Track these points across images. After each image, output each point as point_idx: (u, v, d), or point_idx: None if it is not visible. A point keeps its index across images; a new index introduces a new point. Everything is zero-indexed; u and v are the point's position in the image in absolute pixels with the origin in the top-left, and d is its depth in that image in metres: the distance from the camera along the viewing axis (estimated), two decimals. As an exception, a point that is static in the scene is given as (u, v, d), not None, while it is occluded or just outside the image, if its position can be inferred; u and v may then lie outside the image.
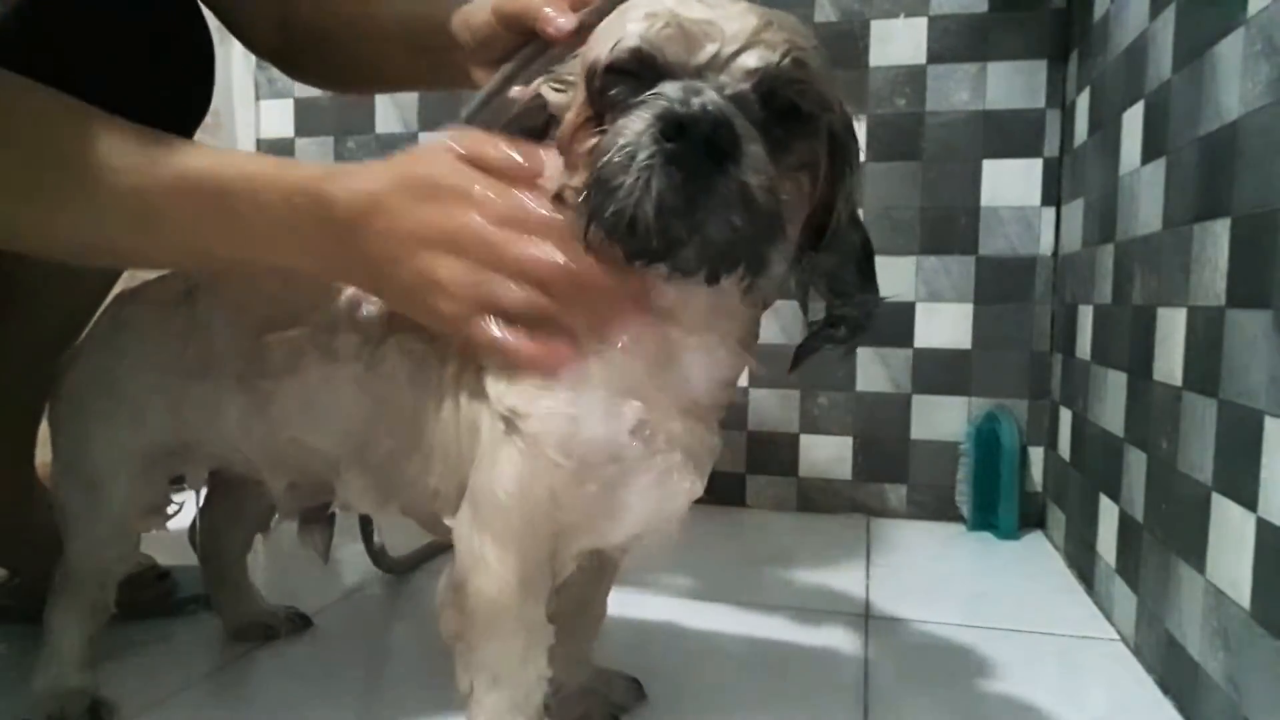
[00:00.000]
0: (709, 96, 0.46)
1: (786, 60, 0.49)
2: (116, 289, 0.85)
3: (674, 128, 0.45)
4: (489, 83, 0.72)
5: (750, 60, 0.49)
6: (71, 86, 0.58)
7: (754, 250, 0.49)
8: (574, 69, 0.56)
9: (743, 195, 0.47)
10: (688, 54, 0.49)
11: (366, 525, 1.13)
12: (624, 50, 0.49)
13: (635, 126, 0.47)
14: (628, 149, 0.47)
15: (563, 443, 0.56)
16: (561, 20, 0.65)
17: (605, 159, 0.47)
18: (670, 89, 0.47)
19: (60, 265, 0.79)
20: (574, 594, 0.70)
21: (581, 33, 0.63)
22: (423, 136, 1.67)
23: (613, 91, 0.50)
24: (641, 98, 0.48)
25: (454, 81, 0.81)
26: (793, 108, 0.50)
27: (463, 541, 0.61)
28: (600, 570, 0.73)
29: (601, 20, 0.60)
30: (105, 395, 0.74)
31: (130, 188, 0.55)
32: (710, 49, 0.49)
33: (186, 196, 0.55)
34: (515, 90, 0.69)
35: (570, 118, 0.53)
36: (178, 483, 0.81)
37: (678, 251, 0.49)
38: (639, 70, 0.49)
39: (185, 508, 0.85)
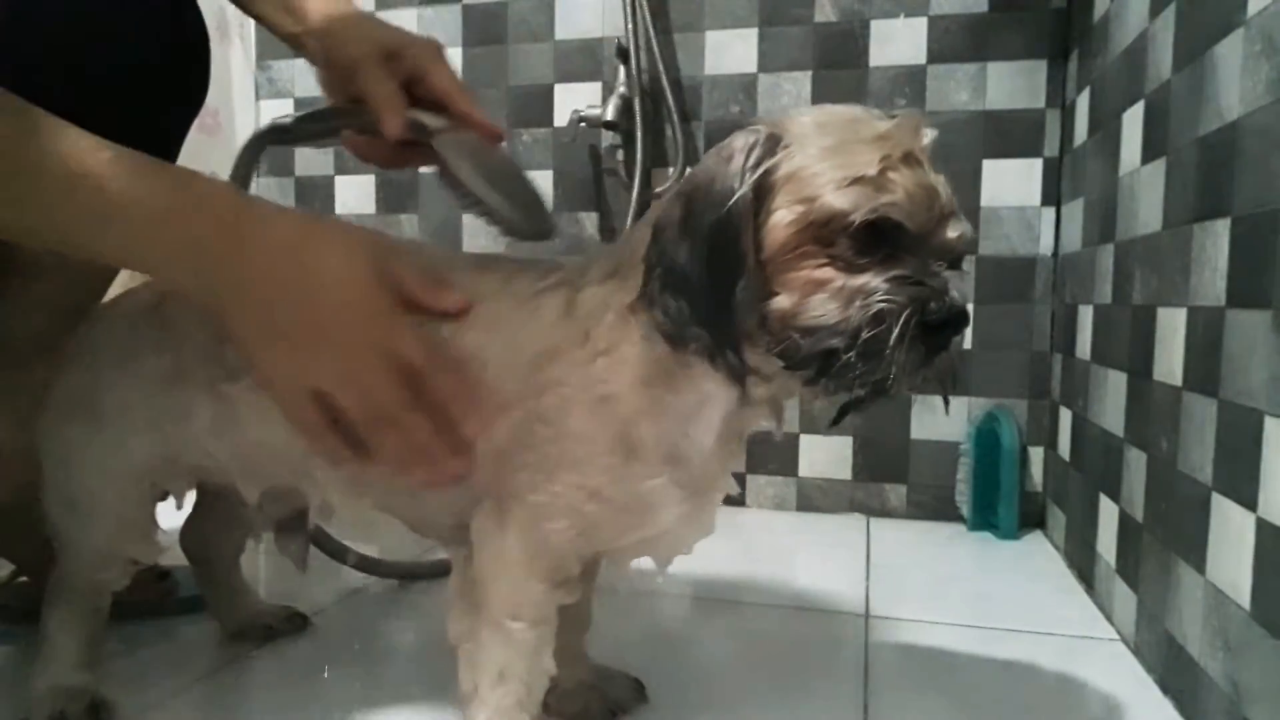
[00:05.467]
0: (956, 294, 0.53)
1: (970, 233, 0.56)
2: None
3: (939, 321, 0.53)
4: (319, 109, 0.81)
5: (954, 234, 0.56)
6: (61, 73, 0.58)
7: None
8: (788, 183, 0.55)
9: (944, 366, 0.55)
10: (921, 224, 0.54)
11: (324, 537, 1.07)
12: (883, 217, 0.53)
13: (896, 299, 0.52)
14: (884, 317, 0.52)
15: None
16: (393, 126, 0.73)
17: (862, 319, 0.52)
18: (931, 279, 0.53)
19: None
20: None
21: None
22: (423, 136, 1.67)
23: (850, 240, 0.53)
24: (896, 272, 0.53)
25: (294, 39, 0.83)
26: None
27: (485, 536, 0.63)
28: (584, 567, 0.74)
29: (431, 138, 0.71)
30: (85, 416, 0.74)
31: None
32: (932, 219, 0.54)
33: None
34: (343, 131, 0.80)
35: (784, 236, 0.54)
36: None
37: (869, 399, 0.56)
38: (885, 231, 0.53)
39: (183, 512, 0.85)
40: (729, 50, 1.51)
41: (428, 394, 0.60)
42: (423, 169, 0.81)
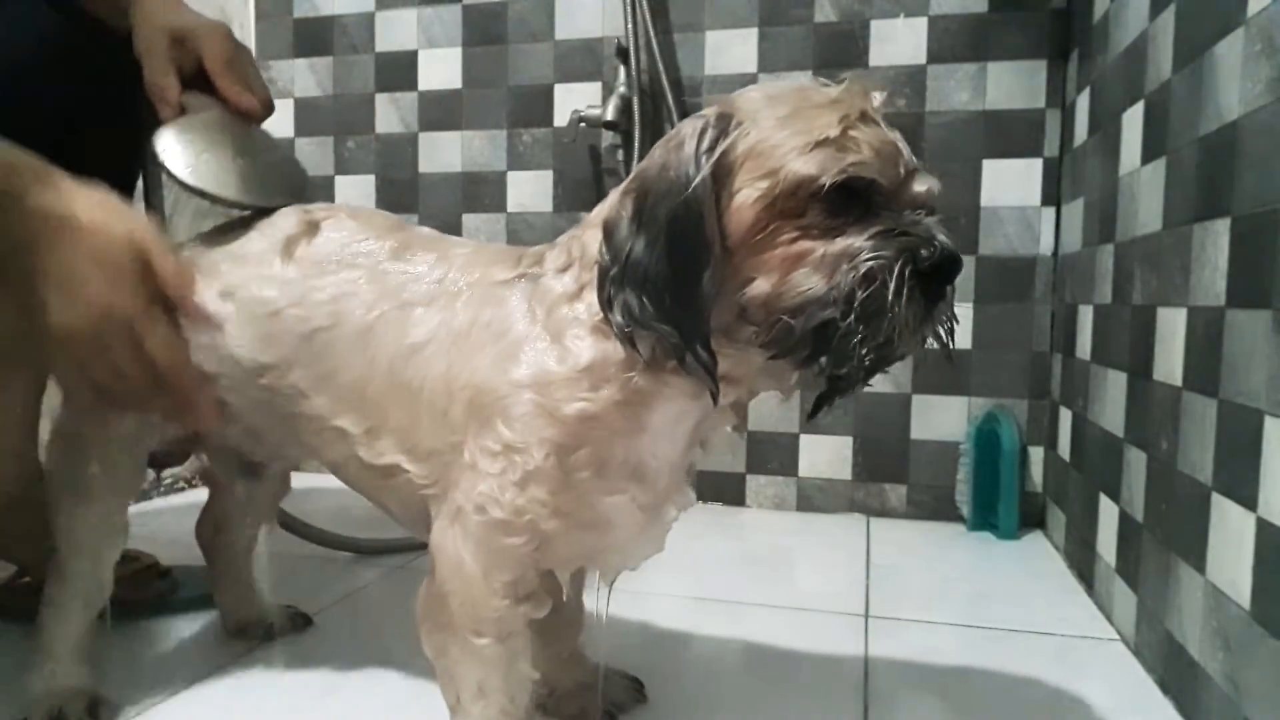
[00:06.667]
0: (944, 237, 0.51)
1: (939, 187, 0.55)
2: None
3: (933, 266, 0.51)
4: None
5: (923, 188, 0.54)
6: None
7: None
8: (734, 155, 0.54)
9: (945, 316, 0.53)
10: (891, 179, 0.52)
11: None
12: (854, 176, 0.51)
13: (884, 254, 0.50)
14: (876, 274, 0.50)
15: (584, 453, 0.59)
16: (164, 114, 0.78)
17: (853, 281, 0.50)
18: (914, 227, 0.52)
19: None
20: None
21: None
22: (423, 137, 1.68)
23: (822, 206, 0.51)
24: (882, 227, 0.51)
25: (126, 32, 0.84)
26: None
27: (442, 551, 0.61)
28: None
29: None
30: None
31: None
32: (899, 174, 0.53)
33: None
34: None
35: (750, 216, 0.52)
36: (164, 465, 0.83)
37: (866, 374, 0.54)
38: (856, 191, 0.51)
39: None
40: (729, 50, 1.51)
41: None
42: (424, 169, 0.83)
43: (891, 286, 0.50)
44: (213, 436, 0.80)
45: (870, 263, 0.50)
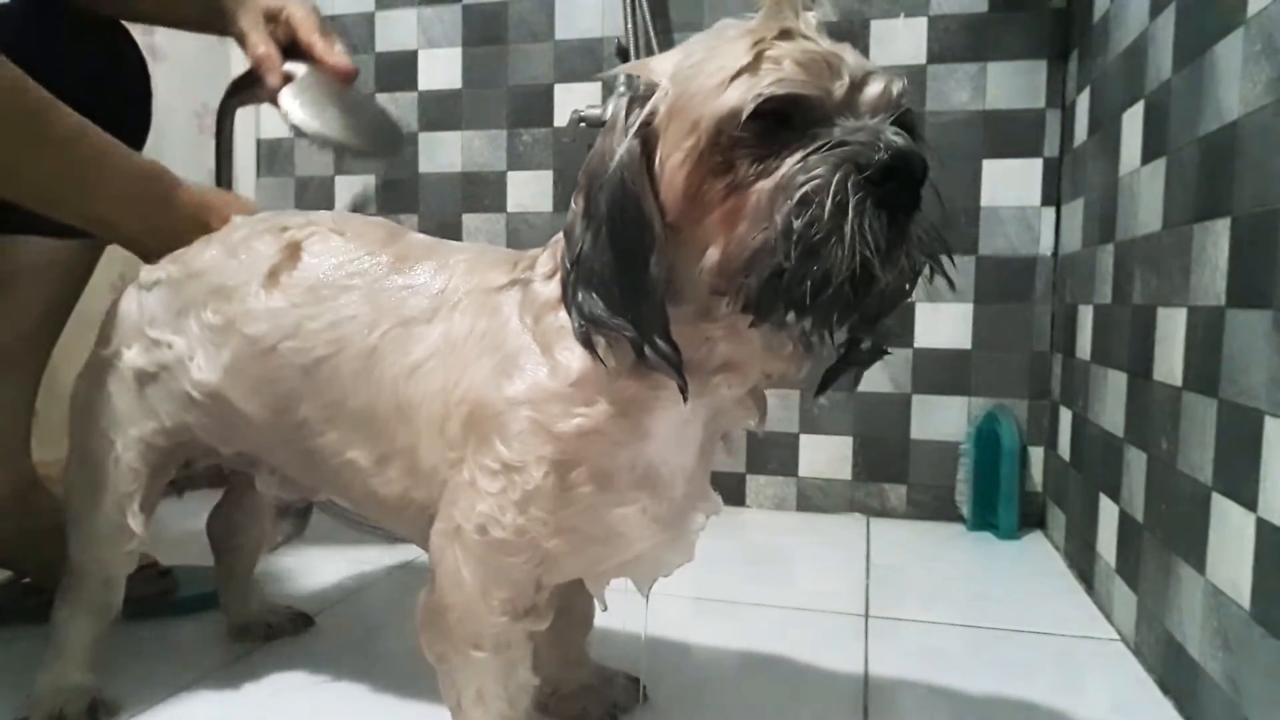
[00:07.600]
0: (893, 135, 0.44)
1: (902, 87, 0.48)
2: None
3: (884, 170, 0.43)
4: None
5: (878, 87, 0.47)
6: None
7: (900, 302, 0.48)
8: (654, 116, 0.50)
9: (929, 236, 0.46)
10: (827, 91, 0.46)
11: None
12: (772, 97, 0.45)
13: (818, 171, 0.44)
14: (811, 197, 0.44)
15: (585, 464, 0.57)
16: (271, 82, 0.86)
17: (800, 209, 0.44)
18: (855, 133, 0.45)
19: (36, 252, 0.85)
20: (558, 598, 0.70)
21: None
22: (423, 137, 1.68)
23: (748, 147, 0.46)
24: (817, 144, 0.45)
25: (222, 28, 0.90)
26: (913, 132, 0.48)
27: (441, 566, 0.60)
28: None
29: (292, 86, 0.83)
30: (112, 378, 0.74)
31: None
32: (843, 84, 0.47)
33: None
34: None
35: (682, 181, 0.48)
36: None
37: (856, 304, 0.46)
38: (786, 115, 0.46)
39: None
40: (729, 50, 1.51)
41: None
42: (424, 169, 0.85)
43: (828, 205, 0.43)
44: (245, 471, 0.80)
45: (804, 187, 0.44)
